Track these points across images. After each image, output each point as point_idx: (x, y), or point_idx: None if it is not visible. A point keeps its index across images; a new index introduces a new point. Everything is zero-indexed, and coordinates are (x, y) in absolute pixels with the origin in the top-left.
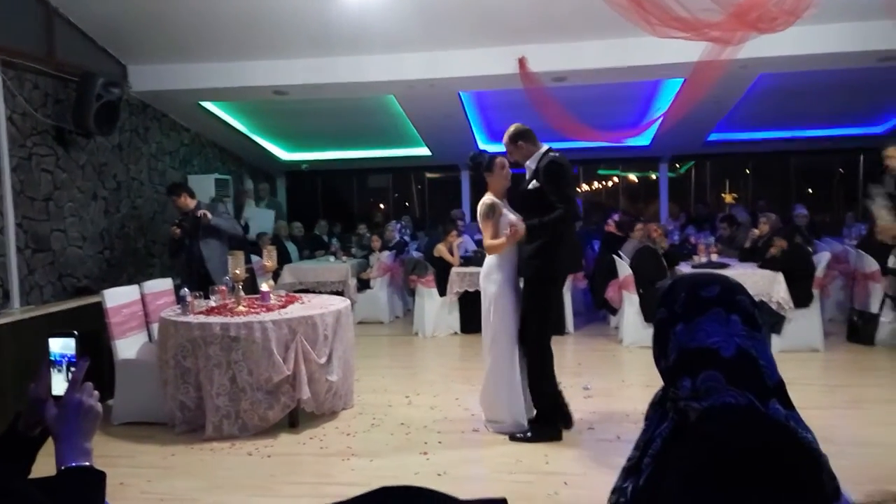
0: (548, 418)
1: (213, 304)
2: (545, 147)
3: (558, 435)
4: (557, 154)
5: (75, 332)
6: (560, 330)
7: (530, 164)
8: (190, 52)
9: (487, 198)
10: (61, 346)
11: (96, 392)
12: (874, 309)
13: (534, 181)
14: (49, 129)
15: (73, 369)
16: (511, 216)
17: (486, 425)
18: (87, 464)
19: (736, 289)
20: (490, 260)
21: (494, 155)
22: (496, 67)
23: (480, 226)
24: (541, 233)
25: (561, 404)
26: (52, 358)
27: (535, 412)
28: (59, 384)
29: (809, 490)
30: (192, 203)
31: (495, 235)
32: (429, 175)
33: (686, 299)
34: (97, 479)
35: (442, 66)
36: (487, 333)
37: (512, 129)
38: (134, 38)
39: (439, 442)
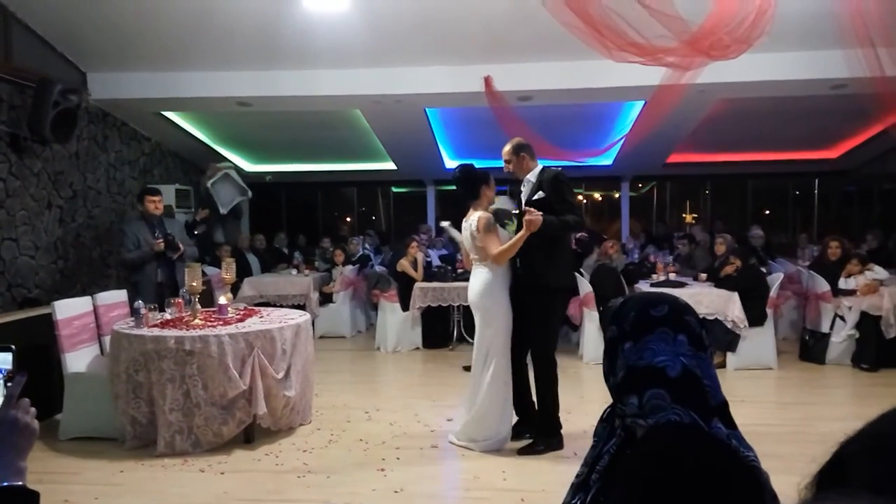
0: (552, 428)
1: (168, 316)
2: (541, 165)
3: (561, 443)
4: (560, 168)
5: (12, 347)
6: None
7: (530, 178)
8: (151, 60)
9: (482, 213)
10: None
11: (33, 409)
12: (825, 328)
13: (539, 192)
14: (3, 136)
15: (9, 384)
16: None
17: (471, 444)
18: (21, 483)
19: (684, 309)
20: (482, 277)
21: (486, 169)
22: (462, 85)
23: (482, 241)
24: (553, 229)
25: (531, 416)
26: None
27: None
28: None
29: None
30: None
31: (500, 245)
32: (395, 189)
33: (635, 318)
34: (31, 500)
35: (407, 83)
36: (482, 351)
37: (515, 140)
38: (94, 45)
39: (397, 458)
